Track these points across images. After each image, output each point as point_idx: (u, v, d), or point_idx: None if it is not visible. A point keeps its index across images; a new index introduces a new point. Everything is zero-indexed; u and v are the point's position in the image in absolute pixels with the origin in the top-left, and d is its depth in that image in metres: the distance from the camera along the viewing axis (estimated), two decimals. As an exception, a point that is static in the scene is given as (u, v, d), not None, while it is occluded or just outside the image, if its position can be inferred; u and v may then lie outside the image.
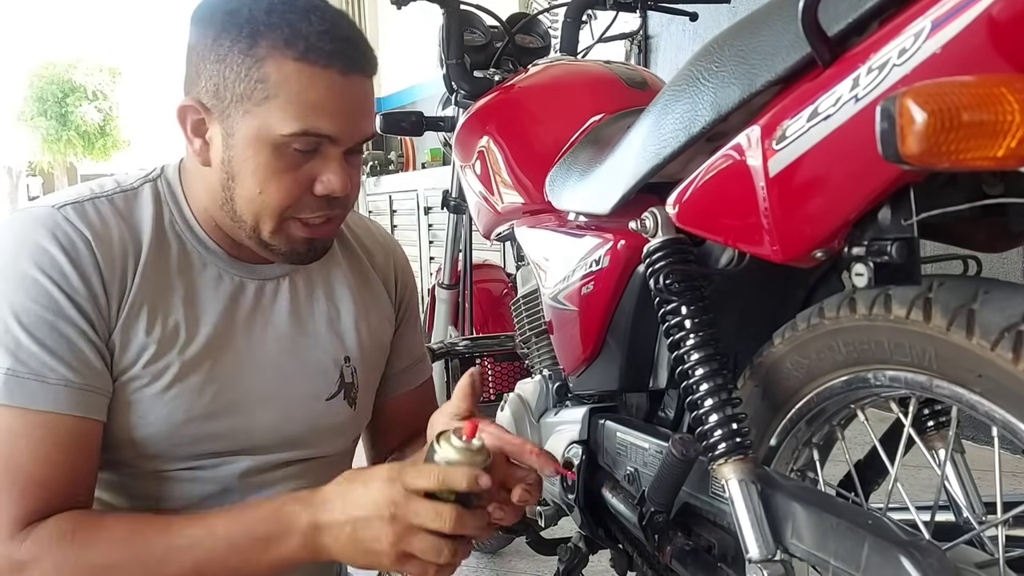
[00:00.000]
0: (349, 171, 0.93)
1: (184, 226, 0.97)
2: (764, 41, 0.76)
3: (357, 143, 0.93)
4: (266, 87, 0.86)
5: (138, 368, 0.90)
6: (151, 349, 0.90)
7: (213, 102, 0.90)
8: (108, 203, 0.93)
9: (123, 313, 0.89)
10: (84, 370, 0.86)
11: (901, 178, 0.63)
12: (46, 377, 0.84)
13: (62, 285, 0.85)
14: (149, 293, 0.91)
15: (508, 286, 2.16)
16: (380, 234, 1.20)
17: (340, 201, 0.94)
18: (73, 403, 0.85)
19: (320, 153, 0.90)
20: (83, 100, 24.84)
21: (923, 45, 0.59)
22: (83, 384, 0.86)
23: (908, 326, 0.67)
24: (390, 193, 5.65)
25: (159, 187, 0.98)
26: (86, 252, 0.87)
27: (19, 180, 26.41)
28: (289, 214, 0.91)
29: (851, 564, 0.69)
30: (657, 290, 0.88)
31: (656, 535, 0.94)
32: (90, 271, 0.87)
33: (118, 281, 0.89)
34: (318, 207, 0.92)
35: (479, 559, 2.06)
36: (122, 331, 0.89)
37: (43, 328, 0.84)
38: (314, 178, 0.90)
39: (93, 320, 0.87)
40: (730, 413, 0.83)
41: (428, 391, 1.26)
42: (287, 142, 0.88)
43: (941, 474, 0.84)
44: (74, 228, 0.87)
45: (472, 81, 1.69)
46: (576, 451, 1.17)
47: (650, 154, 0.93)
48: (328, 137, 0.89)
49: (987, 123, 0.49)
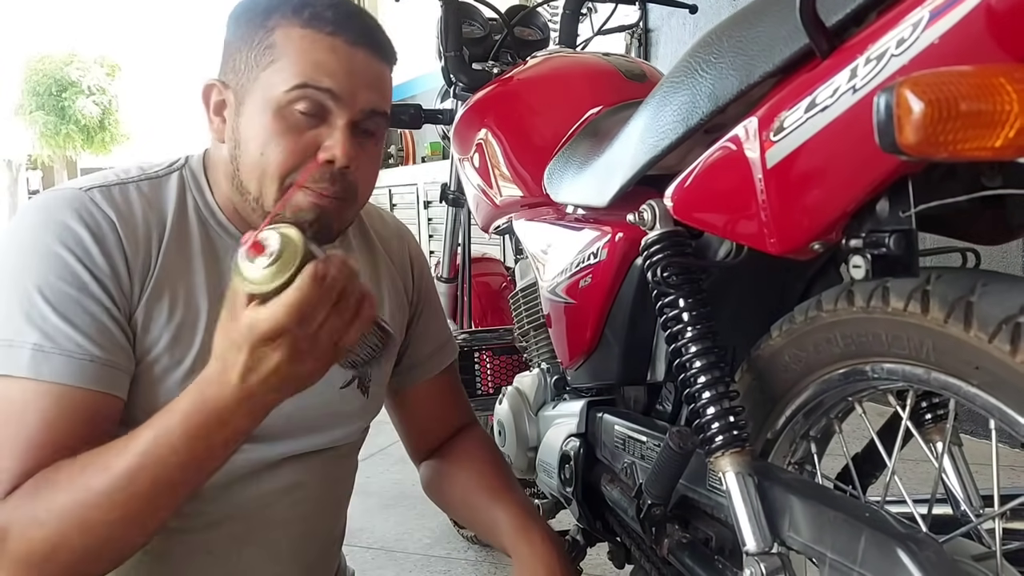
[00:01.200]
0: (360, 153, 0.93)
1: (208, 212, 0.98)
2: (762, 32, 0.76)
3: (364, 112, 0.93)
4: (272, 52, 0.90)
5: (160, 349, 0.90)
6: (173, 330, 0.91)
7: (231, 77, 0.94)
8: (135, 188, 0.94)
9: (146, 293, 0.90)
10: (109, 345, 0.86)
11: (899, 169, 0.63)
12: (71, 352, 0.84)
13: (86, 262, 0.86)
14: (171, 275, 0.92)
15: (507, 279, 2.15)
16: (392, 222, 1.21)
17: (345, 178, 0.92)
18: (95, 377, 0.85)
19: (326, 121, 0.91)
20: (80, 94, 24.82)
21: (921, 35, 0.58)
22: (106, 359, 0.86)
23: (906, 318, 0.67)
24: (390, 187, 5.66)
25: (184, 175, 0.99)
26: (110, 232, 0.88)
27: (19, 174, 26.41)
28: (290, 180, 0.91)
29: (848, 557, 0.69)
30: (655, 283, 0.88)
31: (654, 528, 0.94)
32: (113, 250, 0.88)
33: (141, 261, 0.90)
34: (320, 176, 0.91)
35: (478, 553, 2.06)
36: (144, 311, 0.90)
37: (68, 304, 0.85)
38: (318, 145, 0.91)
39: (115, 298, 0.88)
40: (728, 406, 0.83)
41: (455, 372, 1.29)
42: (289, 100, 0.89)
43: (938, 467, 0.84)
44: (99, 209, 0.89)
45: (471, 73, 1.68)
46: (574, 444, 1.17)
47: (648, 146, 0.93)
48: (329, 92, 0.89)
49: (985, 113, 0.48)
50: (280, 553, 1.02)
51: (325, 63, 0.89)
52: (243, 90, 0.92)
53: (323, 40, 0.90)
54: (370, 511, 2.23)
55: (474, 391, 1.82)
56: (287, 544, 1.03)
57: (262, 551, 1.01)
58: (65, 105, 24.59)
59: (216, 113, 0.96)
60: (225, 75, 0.95)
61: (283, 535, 1.03)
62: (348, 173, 0.92)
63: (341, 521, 1.17)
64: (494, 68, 1.68)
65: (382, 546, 2.05)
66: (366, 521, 2.15)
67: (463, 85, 1.71)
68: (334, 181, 0.91)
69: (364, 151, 0.94)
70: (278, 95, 0.89)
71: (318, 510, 1.06)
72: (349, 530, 1.23)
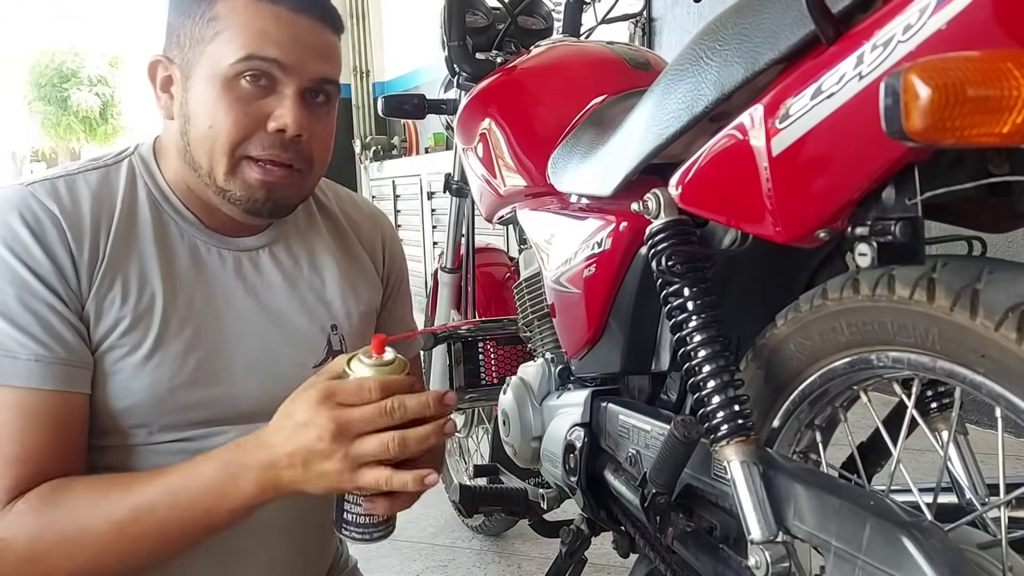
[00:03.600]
0: (311, 121, 0.93)
1: (160, 197, 0.97)
2: (767, 19, 0.75)
3: (313, 80, 0.92)
4: (216, 24, 0.90)
5: (115, 337, 0.90)
6: (128, 318, 0.91)
7: (176, 52, 0.93)
8: (82, 179, 0.93)
9: (95, 284, 0.89)
10: (56, 344, 0.86)
11: (905, 156, 0.63)
12: (16, 353, 0.84)
13: (27, 261, 0.86)
14: (122, 263, 0.92)
15: (511, 270, 2.15)
16: (367, 207, 1.20)
17: (297, 146, 0.93)
18: (46, 377, 0.85)
19: (275, 91, 0.91)
20: (80, 86, 24.80)
21: (928, 21, 0.58)
22: (55, 358, 0.86)
23: (911, 306, 0.67)
24: (393, 178, 5.65)
25: (133, 162, 0.99)
26: (52, 228, 0.88)
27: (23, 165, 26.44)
28: (241, 152, 0.91)
29: (853, 545, 0.69)
30: (659, 272, 0.88)
31: (658, 517, 0.95)
32: (56, 246, 0.87)
33: (87, 253, 0.89)
34: (271, 144, 0.91)
35: (483, 542, 2.06)
36: (95, 302, 0.89)
37: (10, 304, 0.85)
38: (268, 115, 0.91)
39: (62, 294, 0.87)
40: (732, 395, 0.82)
41: (416, 368, 1.26)
42: (235, 72, 0.89)
43: (944, 455, 0.84)
44: (41, 205, 0.88)
45: (474, 63, 1.68)
46: (578, 434, 1.17)
47: (652, 135, 0.92)
48: (275, 62, 0.89)
49: (992, 99, 0.48)
50: (273, 539, 1.02)
51: (269, 32, 0.89)
52: (188, 64, 0.92)
53: (266, 9, 0.89)
54: (375, 501, 2.23)
55: (478, 381, 1.82)
56: (280, 529, 1.03)
57: (254, 537, 1.01)
58: (66, 96, 24.59)
59: (163, 90, 0.95)
60: (169, 50, 0.94)
61: (276, 515, 1.02)
62: (300, 142, 0.93)
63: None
64: (498, 57, 1.68)
65: (386, 535, 2.06)
66: (371, 511, 2.15)
67: (467, 75, 1.70)
68: (286, 148, 0.92)
69: (316, 119, 0.94)
70: (224, 67, 0.89)
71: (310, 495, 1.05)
72: (354, 519, 1.23)
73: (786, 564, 0.76)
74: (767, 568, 0.76)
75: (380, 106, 1.94)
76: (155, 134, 1.02)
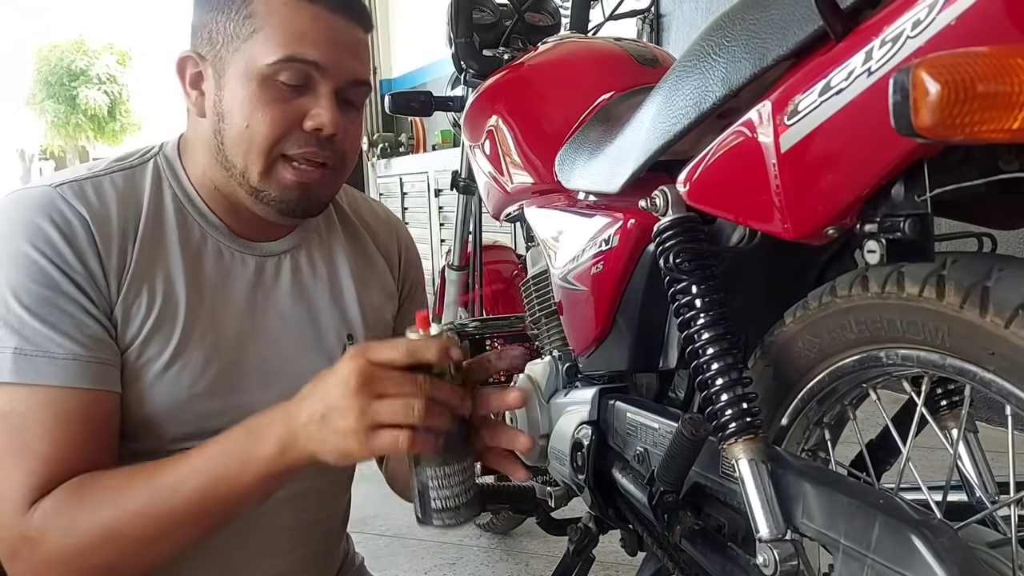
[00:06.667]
0: (345, 121, 0.93)
1: (185, 199, 0.97)
2: (775, 15, 0.75)
3: (347, 81, 0.93)
4: (253, 22, 0.89)
5: (140, 343, 0.90)
6: (152, 323, 0.90)
7: (207, 48, 0.92)
8: (108, 181, 0.93)
9: (123, 289, 0.89)
10: (90, 343, 0.86)
11: (915, 153, 0.62)
12: (53, 353, 0.84)
13: (58, 263, 0.85)
14: (148, 268, 0.91)
15: (518, 267, 2.15)
16: (383, 212, 1.20)
17: (332, 145, 0.93)
18: (83, 376, 0.85)
19: (311, 90, 0.91)
20: (88, 83, 24.87)
21: (937, 16, 0.58)
22: (91, 356, 0.86)
23: (921, 304, 0.67)
24: (401, 175, 5.65)
25: (158, 163, 0.98)
26: (82, 231, 0.87)
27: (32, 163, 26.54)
28: (277, 151, 0.91)
29: (862, 543, 0.69)
30: (667, 269, 0.87)
31: (666, 515, 0.94)
32: (86, 250, 0.87)
33: (115, 258, 0.89)
34: (307, 142, 0.91)
35: (490, 539, 2.07)
36: (123, 307, 0.89)
37: (44, 305, 0.84)
38: (304, 114, 0.91)
39: (93, 298, 0.87)
40: (741, 393, 0.82)
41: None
42: (273, 72, 0.89)
43: (953, 453, 0.84)
44: (70, 207, 0.87)
45: (481, 60, 1.68)
46: (586, 432, 1.17)
47: (660, 131, 0.92)
48: (314, 64, 0.89)
49: (1002, 94, 0.48)
50: (279, 542, 1.02)
51: (307, 34, 0.89)
52: (222, 62, 0.91)
53: (305, 8, 0.89)
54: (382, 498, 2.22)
55: (486, 379, 1.81)
56: (286, 534, 1.03)
57: (259, 547, 1.00)
58: (75, 94, 24.66)
59: (193, 86, 0.95)
60: (199, 46, 0.93)
61: (282, 523, 1.02)
62: (335, 140, 0.93)
63: (343, 506, 1.16)
64: (505, 54, 1.68)
65: (395, 533, 2.06)
66: (379, 508, 2.15)
67: (474, 72, 1.70)
68: (322, 147, 0.92)
69: (348, 118, 0.94)
70: (261, 67, 0.88)
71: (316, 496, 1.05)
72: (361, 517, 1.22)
73: (794, 562, 0.76)
74: (775, 566, 0.76)
75: (387, 103, 1.94)
76: (179, 132, 1.01)
